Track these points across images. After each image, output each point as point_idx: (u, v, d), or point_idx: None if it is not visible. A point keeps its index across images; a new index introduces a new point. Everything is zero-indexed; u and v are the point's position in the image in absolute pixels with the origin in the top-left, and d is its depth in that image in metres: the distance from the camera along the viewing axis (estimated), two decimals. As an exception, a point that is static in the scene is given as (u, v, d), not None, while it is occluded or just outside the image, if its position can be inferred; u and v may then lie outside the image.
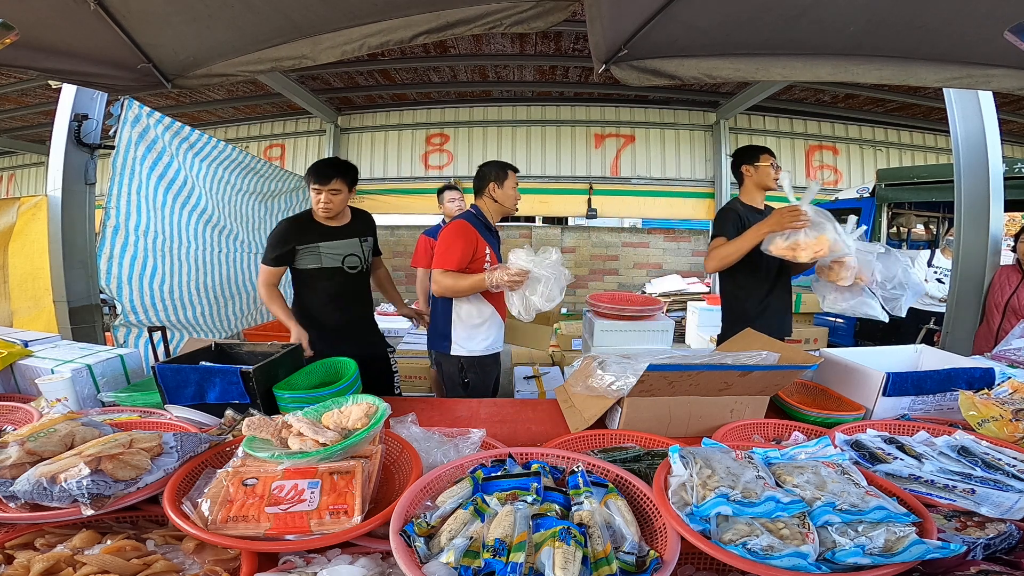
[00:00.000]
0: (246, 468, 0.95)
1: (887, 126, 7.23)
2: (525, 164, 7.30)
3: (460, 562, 0.71)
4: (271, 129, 7.76)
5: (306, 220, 2.12)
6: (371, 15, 1.76)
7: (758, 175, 2.23)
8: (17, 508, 0.87)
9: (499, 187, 2.15)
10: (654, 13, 1.60)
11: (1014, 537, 0.80)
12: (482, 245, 2.08)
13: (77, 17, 1.57)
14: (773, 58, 1.83)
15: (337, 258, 2.13)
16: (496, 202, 2.17)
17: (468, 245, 2.03)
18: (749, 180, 2.28)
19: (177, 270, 3.20)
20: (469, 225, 2.08)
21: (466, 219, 2.11)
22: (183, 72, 2.02)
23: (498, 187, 2.15)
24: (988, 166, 2.61)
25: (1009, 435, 1.14)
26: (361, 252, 2.21)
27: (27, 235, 2.79)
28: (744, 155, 2.28)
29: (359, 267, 2.20)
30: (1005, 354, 1.86)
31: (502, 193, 2.16)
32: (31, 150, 8.36)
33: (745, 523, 0.77)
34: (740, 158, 2.30)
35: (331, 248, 2.11)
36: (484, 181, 2.17)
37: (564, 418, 1.51)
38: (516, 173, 2.20)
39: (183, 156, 3.13)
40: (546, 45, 5.38)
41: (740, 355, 1.38)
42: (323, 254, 2.10)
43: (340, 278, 2.14)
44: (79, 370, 1.46)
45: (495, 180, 2.15)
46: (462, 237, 2.03)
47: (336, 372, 1.57)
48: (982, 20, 1.48)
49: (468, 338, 2.13)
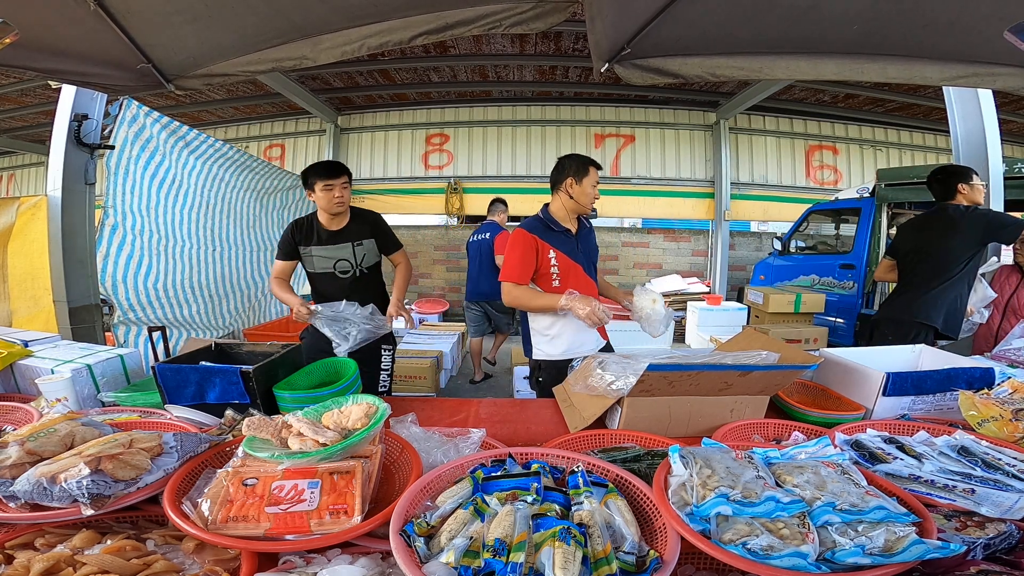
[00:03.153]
0: (246, 468, 0.95)
1: (887, 126, 7.24)
2: (525, 164, 7.31)
3: (460, 562, 0.71)
4: (271, 129, 7.76)
5: (307, 223, 2.21)
6: (371, 16, 1.76)
7: (973, 193, 2.43)
8: (17, 508, 0.87)
9: (577, 183, 2.00)
10: (657, 12, 1.60)
11: (1014, 537, 0.80)
12: (544, 249, 1.99)
13: (77, 17, 1.57)
14: (777, 57, 1.83)
15: (328, 263, 2.21)
16: (572, 199, 2.03)
17: (526, 254, 1.97)
18: (963, 197, 2.44)
19: (172, 268, 3.21)
20: (524, 232, 2.01)
21: (522, 226, 2.05)
22: (183, 72, 2.02)
23: (576, 183, 2.01)
24: (988, 166, 2.62)
25: (1009, 435, 1.14)
26: (353, 257, 2.23)
27: (26, 235, 2.79)
28: (960, 175, 2.47)
29: (351, 272, 2.24)
30: (1005, 354, 1.86)
31: (579, 190, 2.01)
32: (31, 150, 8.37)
33: (745, 523, 0.77)
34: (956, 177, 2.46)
35: (322, 253, 2.20)
36: (562, 175, 2.04)
37: (564, 418, 1.51)
38: (598, 170, 2.05)
39: (179, 155, 3.14)
40: (546, 45, 5.39)
41: (740, 355, 1.38)
42: (315, 260, 2.20)
43: (333, 281, 2.23)
44: (79, 370, 1.46)
45: (574, 176, 2.01)
46: (517, 247, 1.99)
47: (336, 372, 1.57)
48: (987, 18, 1.48)
49: (545, 343, 2.09)
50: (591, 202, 2.05)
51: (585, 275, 2.10)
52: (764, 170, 7.29)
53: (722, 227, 7.08)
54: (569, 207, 2.06)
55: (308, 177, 2.15)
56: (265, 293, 4.52)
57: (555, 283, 2.01)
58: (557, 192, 2.07)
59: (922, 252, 2.51)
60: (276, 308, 4.72)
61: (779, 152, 7.31)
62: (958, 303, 2.44)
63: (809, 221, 5.68)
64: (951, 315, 2.43)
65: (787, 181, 7.29)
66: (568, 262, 2.04)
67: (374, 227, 2.32)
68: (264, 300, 4.53)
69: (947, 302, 2.42)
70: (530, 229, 2.02)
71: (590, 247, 2.17)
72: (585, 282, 2.09)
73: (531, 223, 2.05)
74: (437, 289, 7.78)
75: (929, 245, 2.48)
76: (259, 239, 4.36)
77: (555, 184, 2.07)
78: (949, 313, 2.43)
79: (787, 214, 6.80)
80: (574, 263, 2.05)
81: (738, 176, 7.22)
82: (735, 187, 7.14)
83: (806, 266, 5.38)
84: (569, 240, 2.07)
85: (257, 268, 4.36)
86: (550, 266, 2.00)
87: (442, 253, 7.73)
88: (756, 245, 7.73)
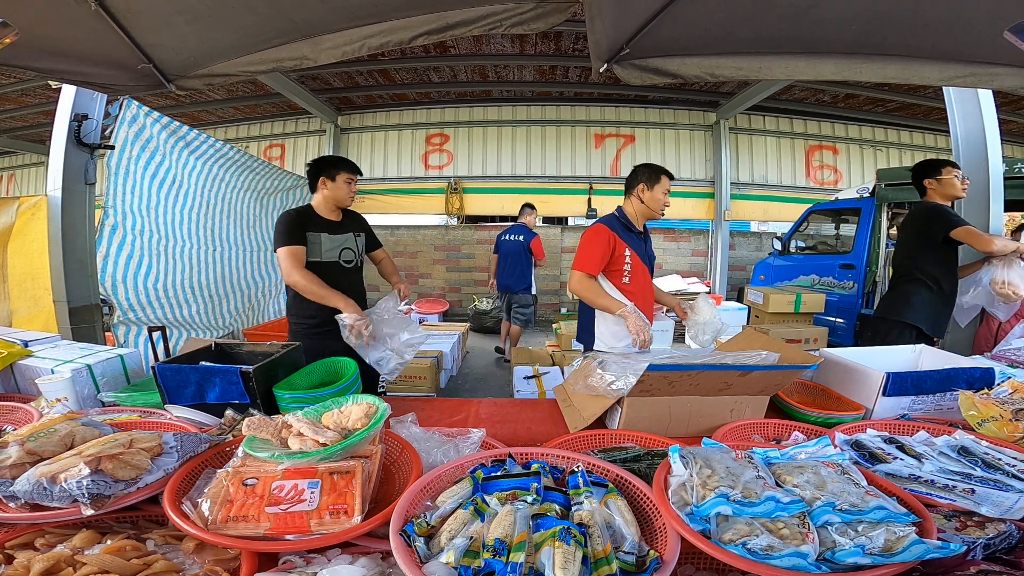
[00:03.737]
0: (246, 468, 0.95)
1: (887, 126, 7.24)
2: (525, 164, 7.32)
3: (460, 562, 0.71)
4: (271, 129, 7.76)
5: (306, 211, 2.19)
6: (371, 16, 1.76)
7: (942, 187, 2.39)
8: (17, 508, 0.87)
9: (649, 189, 2.12)
10: (656, 12, 1.60)
11: (1014, 537, 0.80)
12: (621, 246, 2.09)
13: (77, 17, 1.57)
14: (776, 57, 1.83)
15: (334, 252, 2.19)
16: (643, 204, 2.14)
17: (604, 248, 2.07)
18: (933, 192, 2.42)
19: (172, 269, 3.21)
20: (605, 228, 2.10)
21: (604, 222, 2.15)
22: (183, 72, 2.02)
23: (648, 189, 2.12)
24: (988, 166, 2.61)
25: (1009, 435, 1.14)
26: (355, 247, 2.28)
27: (26, 235, 2.79)
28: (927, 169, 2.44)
29: (354, 262, 2.27)
30: (1005, 354, 1.86)
31: (650, 196, 2.12)
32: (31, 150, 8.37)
33: (745, 523, 0.77)
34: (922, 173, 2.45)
35: (329, 241, 2.17)
36: (635, 181, 2.16)
37: (564, 418, 1.51)
38: (671, 179, 2.16)
39: (179, 155, 3.13)
40: (546, 45, 5.39)
41: (740, 355, 1.38)
42: (323, 245, 2.15)
43: (335, 272, 2.18)
44: (79, 370, 1.46)
45: (646, 182, 2.12)
46: (595, 241, 2.09)
47: (336, 372, 1.57)
48: (985, 18, 1.48)
49: (610, 336, 2.16)
50: (661, 208, 2.15)
51: (647, 276, 2.22)
52: (764, 170, 7.29)
53: (722, 227, 7.08)
54: (639, 211, 2.17)
55: (329, 167, 2.15)
56: (265, 293, 4.51)
57: (625, 279, 2.12)
58: (629, 196, 2.19)
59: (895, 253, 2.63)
60: (276, 308, 4.71)
61: (779, 152, 7.31)
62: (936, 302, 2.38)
63: (809, 221, 5.68)
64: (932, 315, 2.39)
65: (787, 181, 7.29)
66: (639, 263, 2.15)
67: (364, 224, 2.40)
68: (264, 300, 4.52)
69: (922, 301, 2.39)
70: (610, 226, 2.12)
71: (650, 252, 2.29)
72: (648, 284, 2.22)
73: (611, 220, 2.16)
74: (437, 289, 7.78)
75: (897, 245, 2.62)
76: (259, 239, 4.36)
77: (628, 188, 2.20)
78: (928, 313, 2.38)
79: (787, 214, 6.81)
80: (643, 265, 2.18)
81: (738, 176, 7.22)
82: (735, 187, 7.15)
83: (806, 266, 5.38)
84: (640, 242, 2.20)
85: (257, 268, 4.35)
86: (624, 262, 2.11)
87: (442, 253, 7.74)
88: (756, 245, 7.73)
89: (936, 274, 2.39)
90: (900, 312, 2.43)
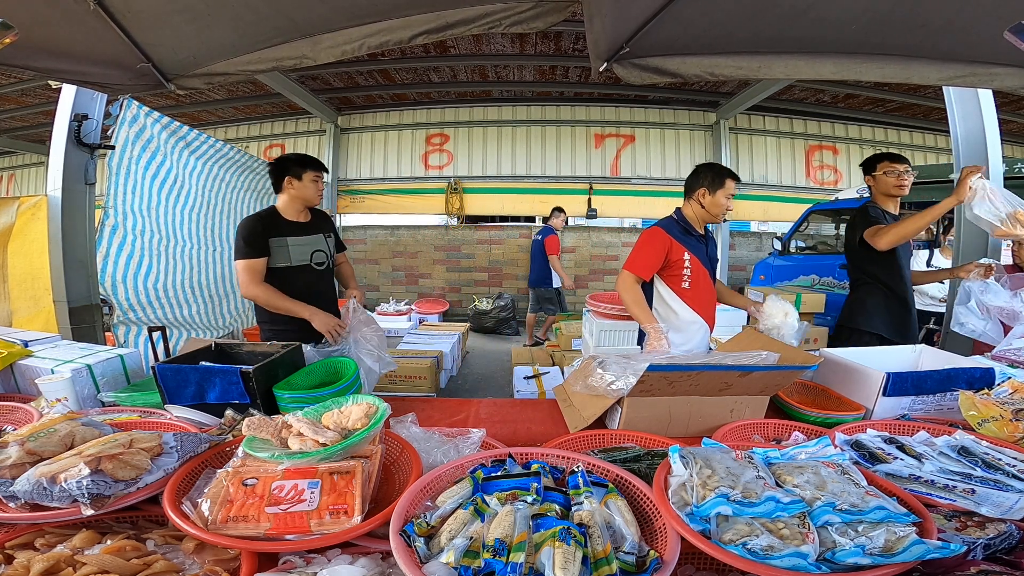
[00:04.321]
0: (246, 468, 0.95)
1: (887, 126, 7.24)
2: (525, 164, 7.32)
3: (460, 562, 0.71)
4: (271, 129, 7.76)
5: (270, 215, 2.10)
6: (371, 15, 1.76)
7: (877, 184, 2.29)
8: (17, 508, 0.87)
9: (710, 194, 2.02)
10: (656, 11, 1.60)
11: (1014, 537, 0.80)
12: (678, 251, 2.03)
13: (77, 17, 1.57)
14: (775, 56, 1.83)
15: (305, 254, 2.12)
16: (703, 208, 2.05)
17: (656, 253, 2.02)
18: (874, 190, 2.33)
19: (172, 269, 3.21)
20: (661, 231, 2.05)
21: (661, 224, 2.09)
22: (183, 72, 2.02)
23: (709, 193, 2.02)
24: (988, 166, 2.61)
25: (1009, 435, 1.14)
26: (327, 248, 2.23)
27: (26, 235, 2.79)
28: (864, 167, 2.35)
29: (325, 263, 2.21)
30: (1005, 354, 1.86)
31: (711, 200, 2.02)
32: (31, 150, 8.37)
33: (745, 523, 0.77)
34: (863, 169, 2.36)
35: (298, 243, 2.10)
36: (696, 183, 2.06)
37: (564, 418, 1.51)
38: (737, 182, 2.04)
39: (179, 155, 3.14)
40: (546, 45, 5.39)
41: (740, 355, 1.38)
42: (291, 249, 2.07)
43: (308, 275, 2.13)
44: (79, 370, 1.46)
45: (708, 186, 2.03)
46: (649, 243, 2.04)
47: (336, 372, 1.57)
48: (985, 18, 1.48)
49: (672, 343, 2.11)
50: (722, 213, 2.05)
51: (709, 281, 2.14)
52: (764, 170, 7.29)
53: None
54: (699, 215, 2.09)
55: (295, 166, 2.08)
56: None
57: (685, 284, 2.06)
58: (689, 199, 2.10)
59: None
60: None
61: (779, 152, 7.31)
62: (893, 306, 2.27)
63: (809, 221, 5.68)
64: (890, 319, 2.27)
65: (787, 181, 7.29)
66: (699, 266, 2.08)
67: (331, 223, 2.34)
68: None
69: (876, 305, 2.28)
70: (667, 229, 2.07)
71: (712, 255, 2.21)
72: (709, 288, 2.15)
73: (668, 223, 2.10)
74: (437, 289, 7.78)
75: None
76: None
77: (688, 191, 2.10)
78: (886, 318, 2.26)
79: (787, 214, 6.81)
80: (704, 268, 2.10)
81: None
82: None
83: (806, 266, 5.38)
84: (700, 245, 2.12)
85: (257, 268, 4.35)
86: (683, 267, 2.04)
87: (442, 253, 7.74)
88: (756, 245, 7.73)
89: (882, 277, 2.29)
90: (856, 319, 2.33)
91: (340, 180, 7.50)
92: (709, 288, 2.14)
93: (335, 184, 7.42)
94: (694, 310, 2.09)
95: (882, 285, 2.30)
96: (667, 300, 2.11)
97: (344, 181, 7.53)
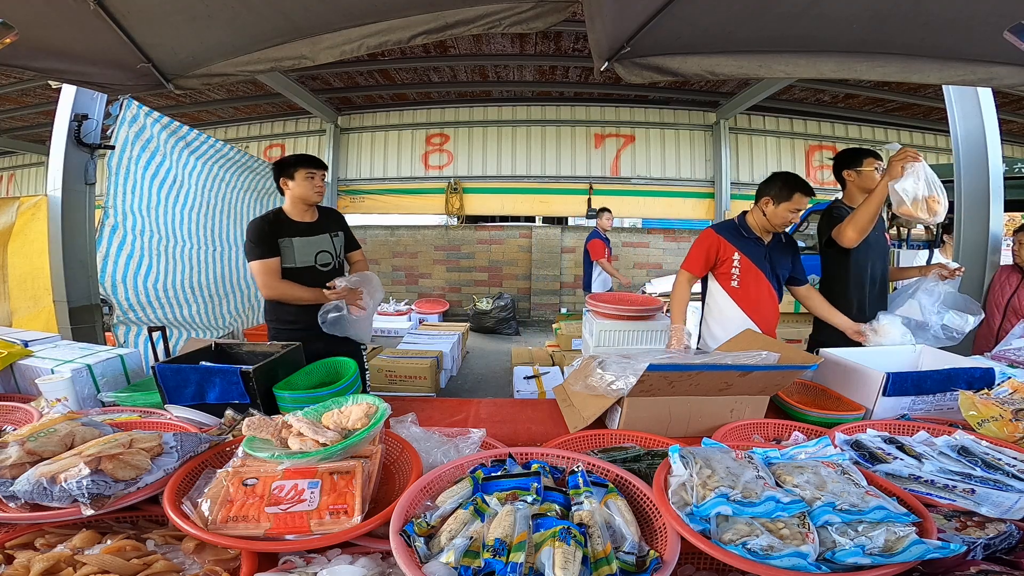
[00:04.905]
0: (246, 468, 0.95)
1: (887, 126, 7.24)
2: (525, 164, 7.32)
3: (460, 562, 0.71)
4: (271, 129, 7.76)
5: (275, 217, 2.10)
6: (370, 15, 1.76)
7: (861, 179, 2.22)
8: (17, 508, 0.87)
9: (774, 204, 2.03)
10: (657, 10, 1.60)
11: (1014, 537, 0.80)
12: (727, 250, 2.11)
13: (76, 17, 1.57)
14: (776, 55, 1.83)
15: (309, 256, 2.12)
16: (764, 216, 2.08)
17: (703, 251, 2.12)
18: (852, 184, 2.26)
19: (172, 269, 3.21)
20: (710, 231, 2.15)
21: (715, 225, 2.20)
22: (183, 72, 2.02)
23: (773, 204, 2.03)
24: (988, 166, 2.61)
25: (1009, 435, 1.14)
26: (333, 248, 2.20)
27: (26, 235, 2.79)
28: (846, 160, 2.28)
29: (331, 264, 2.19)
30: (1005, 354, 1.86)
31: (772, 211, 2.04)
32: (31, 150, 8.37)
33: (745, 523, 0.77)
34: (841, 163, 2.29)
35: (303, 245, 2.10)
36: (764, 190, 2.07)
37: (564, 418, 1.51)
38: (809, 196, 1.99)
39: (179, 155, 3.14)
40: (546, 45, 5.38)
41: (740, 355, 1.38)
42: (296, 251, 2.08)
43: (312, 277, 2.11)
44: (79, 370, 1.46)
45: (774, 197, 2.02)
46: (697, 243, 2.16)
47: (336, 372, 1.57)
48: (985, 17, 1.48)
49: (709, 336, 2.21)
50: (782, 225, 2.07)
51: (767, 282, 2.15)
52: (764, 170, 7.28)
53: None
54: (759, 222, 2.12)
55: (287, 167, 2.09)
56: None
57: (734, 283, 2.13)
58: (755, 205, 2.14)
59: None
60: (276, 308, 4.71)
61: (779, 152, 7.31)
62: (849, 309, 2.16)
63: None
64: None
65: (787, 181, 7.29)
66: (751, 266, 2.12)
67: (342, 222, 2.31)
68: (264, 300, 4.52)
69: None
70: (718, 230, 2.15)
71: (782, 259, 2.19)
72: (763, 287, 2.15)
73: (723, 225, 2.18)
74: (437, 289, 7.78)
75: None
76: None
77: (756, 196, 2.13)
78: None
79: (787, 214, 6.79)
80: (757, 269, 2.13)
81: (738, 176, 7.22)
82: (735, 187, 7.15)
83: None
84: (758, 248, 2.14)
85: (257, 268, 4.35)
86: (731, 266, 2.12)
87: (442, 253, 7.74)
88: (756, 245, 7.71)
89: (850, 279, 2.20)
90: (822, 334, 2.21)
91: (340, 180, 7.50)
92: (763, 288, 2.14)
93: (335, 184, 7.42)
94: (741, 308, 2.14)
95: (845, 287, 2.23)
96: (716, 296, 2.19)
97: (344, 181, 7.53)
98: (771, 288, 2.17)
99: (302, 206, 2.13)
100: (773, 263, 2.16)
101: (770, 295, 2.17)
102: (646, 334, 2.73)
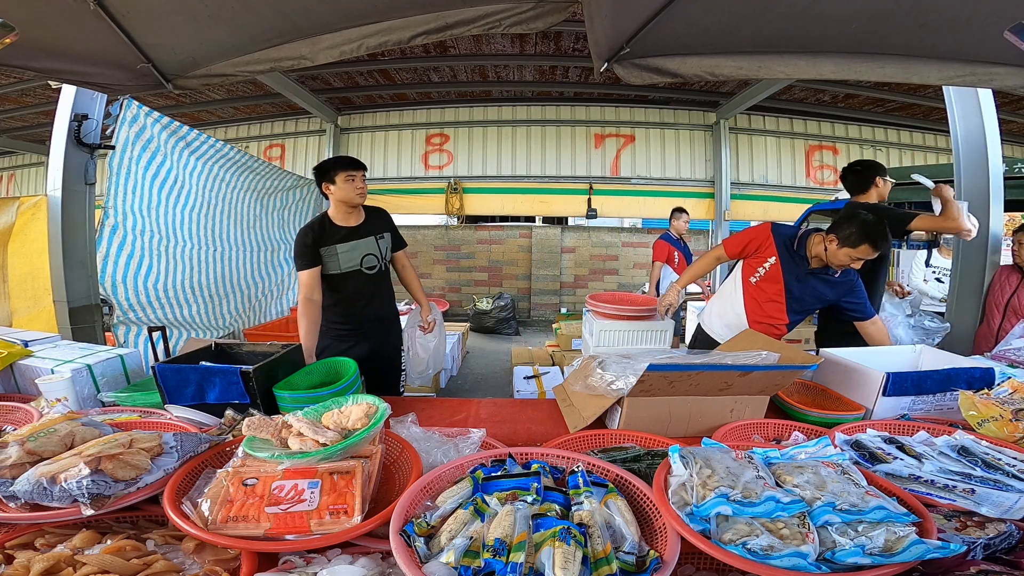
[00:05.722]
0: (246, 468, 0.95)
1: (887, 126, 7.23)
2: (525, 164, 7.31)
3: (460, 562, 0.71)
4: (271, 129, 7.76)
5: (320, 223, 2.10)
6: (370, 16, 1.76)
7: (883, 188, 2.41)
8: (17, 508, 0.87)
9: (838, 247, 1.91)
10: (656, 11, 1.60)
11: (1014, 537, 0.80)
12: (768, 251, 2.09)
13: (76, 17, 1.57)
14: (776, 56, 1.83)
15: (355, 260, 2.11)
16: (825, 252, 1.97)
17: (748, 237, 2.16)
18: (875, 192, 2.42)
19: (172, 269, 3.21)
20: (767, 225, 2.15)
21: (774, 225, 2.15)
22: (183, 72, 2.02)
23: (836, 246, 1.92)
24: (988, 166, 2.61)
25: (1009, 435, 1.14)
26: (378, 250, 2.18)
27: (26, 235, 2.79)
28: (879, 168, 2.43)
29: (377, 266, 2.18)
30: (1005, 354, 1.86)
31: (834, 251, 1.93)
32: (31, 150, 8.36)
33: (745, 523, 0.77)
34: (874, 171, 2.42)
35: (348, 249, 2.09)
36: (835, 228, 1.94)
37: (564, 418, 1.51)
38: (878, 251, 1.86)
39: (179, 155, 3.13)
40: (546, 45, 5.38)
41: (740, 355, 1.38)
42: (340, 257, 2.08)
43: (359, 280, 2.12)
44: (79, 370, 1.46)
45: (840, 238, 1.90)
46: (750, 229, 2.19)
47: (336, 372, 1.57)
48: (985, 18, 1.48)
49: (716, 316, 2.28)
50: (837, 265, 1.96)
51: (782, 298, 2.08)
52: (764, 170, 7.29)
53: (722, 227, 7.07)
54: (817, 253, 2.01)
55: (327, 171, 2.08)
56: (266, 293, 4.52)
57: (752, 279, 2.16)
58: (826, 233, 1.98)
59: None
60: (277, 308, 4.71)
61: (779, 152, 7.31)
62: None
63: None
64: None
65: (787, 181, 7.29)
66: (778, 276, 2.08)
67: (389, 222, 2.29)
68: (264, 300, 4.52)
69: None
70: (773, 229, 2.13)
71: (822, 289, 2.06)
72: (775, 303, 2.10)
73: (781, 229, 2.13)
74: (437, 289, 7.78)
75: None
76: (260, 239, 4.36)
77: (831, 227, 1.97)
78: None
79: (787, 214, 6.80)
80: (782, 283, 2.07)
81: (738, 176, 7.22)
82: (735, 187, 7.14)
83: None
84: (799, 267, 2.05)
85: (257, 268, 4.35)
86: (762, 264, 2.13)
87: (442, 253, 7.74)
88: (756, 245, 7.71)
89: None
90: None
91: (340, 180, 7.49)
92: (774, 303, 2.10)
93: (335, 184, 7.41)
94: (745, 306, 2.15)
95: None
96: (735, 281, 2.22)
97: (344, 181, 7.51)
98: (784, 306, 2.10)
99: (346, 209, 2.10)
100: (806, 288, 2.06)
101: (779, 311, 2.11)
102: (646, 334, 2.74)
